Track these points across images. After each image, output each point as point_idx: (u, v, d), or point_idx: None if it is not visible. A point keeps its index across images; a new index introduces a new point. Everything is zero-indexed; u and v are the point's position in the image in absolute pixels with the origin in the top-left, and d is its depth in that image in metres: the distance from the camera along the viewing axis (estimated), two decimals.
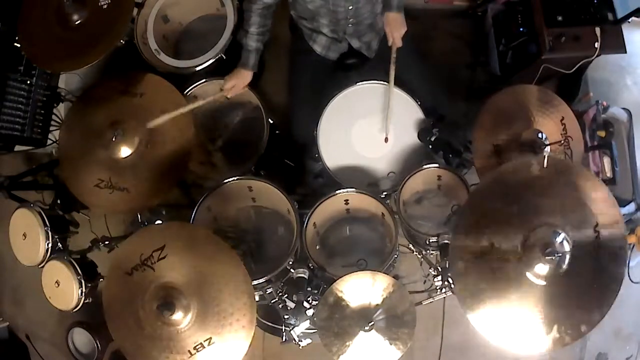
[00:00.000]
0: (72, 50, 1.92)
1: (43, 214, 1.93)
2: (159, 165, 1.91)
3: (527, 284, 1.45)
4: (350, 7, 1.88)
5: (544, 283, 1.44)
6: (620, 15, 2.17)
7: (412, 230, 1.96)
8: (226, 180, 1.99)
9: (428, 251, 2.03)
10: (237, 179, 1.99)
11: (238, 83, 2.03)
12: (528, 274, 1.44)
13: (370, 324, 1.68)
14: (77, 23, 1.93)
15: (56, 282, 1.91)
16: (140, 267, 1.54)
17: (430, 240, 1.91)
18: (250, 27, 1.98)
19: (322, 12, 1.91)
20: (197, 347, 1.49)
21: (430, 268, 1.97)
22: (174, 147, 1.92)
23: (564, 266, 1.44)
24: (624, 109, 2.37)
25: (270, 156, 2.21)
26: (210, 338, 1.49)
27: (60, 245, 1.97)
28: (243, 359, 1.49)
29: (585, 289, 1.46)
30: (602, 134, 2.24)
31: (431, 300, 2.00)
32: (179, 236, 1.58)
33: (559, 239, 1.43)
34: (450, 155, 1.99)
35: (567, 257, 1.44)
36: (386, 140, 2.03)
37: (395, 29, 1.92)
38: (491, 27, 2.62)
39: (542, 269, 1.43)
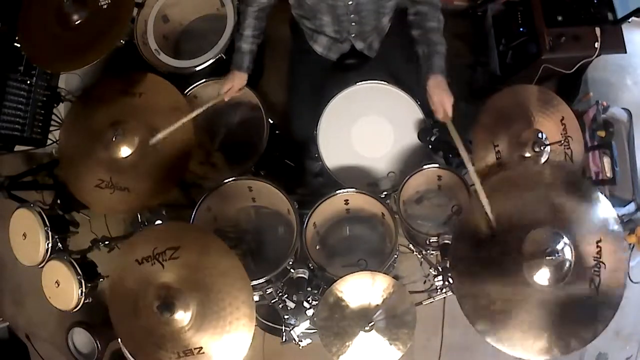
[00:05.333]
0: (72, 50, 1.92)
1: (43, 214, 1.93)
2: (159, 165, 1.91)
3: (527, 286, 1.45)
4: (350, 2, 1.85)
5: (545, 284, 1.44)
6: (620, 15, 2.16)
7: (412, 230, 1.96)
8: (226, 180, 1.99)
9: (428, 251, 2.03)
10: (237, 179, 1.99)
11: (234, 85, 2.00)
12: (528, 275, 1.44)
13: (370, 324, 1.67)
14: (77, 23, 1.93)
15: (56, 282, 1.91)
16: (150, 260, 1.54)
17: (430, 240, 1.91)
18: (245, 29, 1.97)
19: (322, 8, 1.89)
20: (186, 352, 1.49)
21: (430, 268, 1.97)
22: (174, 147, 1.92)
23: (563, 272, 1.44)
24: (624, 109, 2.37)
25: (270, 156, 2.21)
26: (201, 348, 1.49)
27: (60, 245, 1.98)
28: (243, 359, 1.49)
29: (584, 305, 1.46)
30: (602, 134, 2.24)
31: (431, 300, 1.99)
32: (196, 242, 1.57)
33: (560, 244, 1.44)
34: (450, 155, 1.99)
35: (568, 264, 1.44)
36: None
37: (446, 99, 1.77)
38: (491, 27, 2.62)
39: (544, 273, 1.44)
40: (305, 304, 1.85)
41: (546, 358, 1.44)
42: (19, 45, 2.07)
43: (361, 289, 1.71)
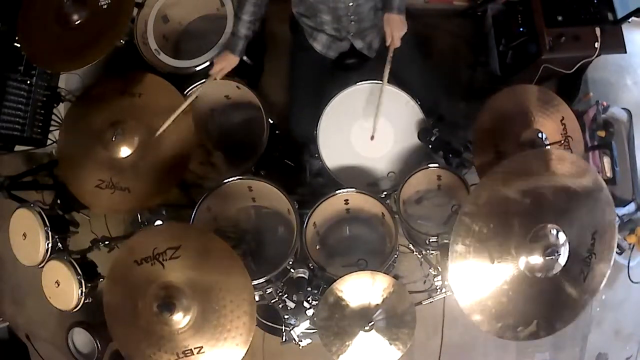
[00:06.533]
0: (72, 50, 1.92)
1: (43, 214, 1.93)
2: (159, 165, 1.91)
3: (520, 275, 1.45)
4: (351, 4, 1.88)
5: (539, 275, 1.45)
6: (620, 15, 2.16)
7: (412, 230, 1.96)
8: (226, 180, 1.99)
9: (428, 251, 2.03)
10: (237, 179, 1.99)
11: (225, 66, 2.04)
12: (523, 266, 1.45)
13: (370, 324, 1.68)
14: (77, 23, 1.94)
15: (56, 282, 1.91)
16: (150, 260, 1.54)
17: (430, 240, 1.91)
18: (244, 14, 2.00)
19: (322, 8, 1.91)
20: (186, 352, 1.49)
21: (430, 268, 1.98)
22: (174, 147, 1.92)
23: (556, 266, 1.44)
24: (624, 109, 2.37)
25: (270, 156, 2.21)
26: (202, 347, 1.49)
27: (60, 245, 1.97)
28: (243, 359, 1.49)
29: (569, 290, 1.48)
30: (602, 134, 2.24)
31: (431, 300, 2.00)
32: (197, 242, 1.57)
33: (561, 241, 1.44)
34: (450, 155, 1.99)
35: (562, 260, 1.44)
36: (372, 138, 2.03)
37: (396, 29, 1.92)
38: (491, 27, 2.62)
39: (536, 260, 1.44)
40: (305, 304, 1.85)
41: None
42: (19, 45, 2.08)
43: (361, 288, 1.72)
